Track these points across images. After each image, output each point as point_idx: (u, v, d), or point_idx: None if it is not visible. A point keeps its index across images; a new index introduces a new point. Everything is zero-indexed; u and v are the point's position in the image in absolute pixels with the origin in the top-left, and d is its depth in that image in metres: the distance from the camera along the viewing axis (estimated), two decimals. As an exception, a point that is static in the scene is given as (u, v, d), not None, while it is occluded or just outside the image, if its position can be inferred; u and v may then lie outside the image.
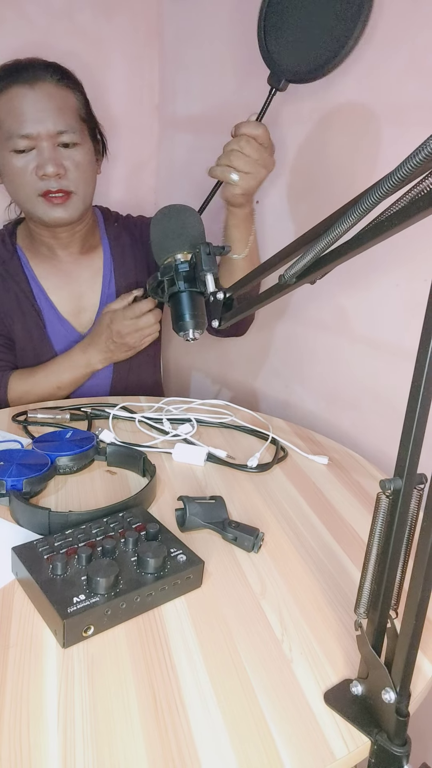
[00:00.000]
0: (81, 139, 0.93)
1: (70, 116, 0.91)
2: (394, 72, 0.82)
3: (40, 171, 0.90)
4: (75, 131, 0.91)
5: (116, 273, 1.08)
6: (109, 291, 1.08)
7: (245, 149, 0.82)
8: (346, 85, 0.89)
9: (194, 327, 0.75)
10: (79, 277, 1.07)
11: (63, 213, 0.94)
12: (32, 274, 1.04)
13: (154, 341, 1.07)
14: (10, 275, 1.02)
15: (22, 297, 1.02)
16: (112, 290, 1.08)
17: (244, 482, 0.76)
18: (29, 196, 0.93)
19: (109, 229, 1.10)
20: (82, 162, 0.93)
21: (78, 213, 0.96)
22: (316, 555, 0.63)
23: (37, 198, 0.92)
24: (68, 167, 0.92)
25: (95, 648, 0.48)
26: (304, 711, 0.44)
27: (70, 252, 1.05)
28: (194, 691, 0.45)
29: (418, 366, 0.38)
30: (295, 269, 0.54)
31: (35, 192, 0.92)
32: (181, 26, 1.20)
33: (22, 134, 0.88)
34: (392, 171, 0.39)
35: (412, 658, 0.39)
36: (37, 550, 0.54)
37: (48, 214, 0.94)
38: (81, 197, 0.95)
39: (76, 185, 0.93)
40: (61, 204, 0.93)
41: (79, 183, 0.94)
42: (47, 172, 0.89)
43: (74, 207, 0.95)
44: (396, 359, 0.90)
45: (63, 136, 0.90)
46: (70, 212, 0.95)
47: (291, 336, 1.09)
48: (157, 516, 0.63)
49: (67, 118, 0.91)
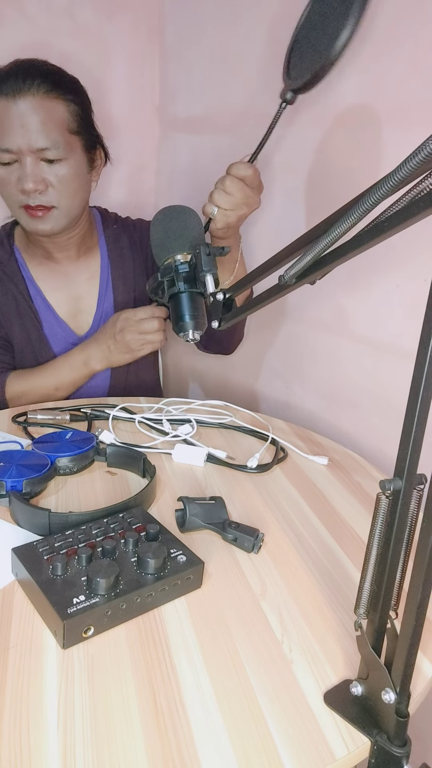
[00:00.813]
0: (66, 154, 0.91)
1: (55, 131, 0.89)
2: (394, 72, 0.82)
3: (19, 185, 0.90)
4: (59, 147, 0.89)
5: (114, 275, 1.08)
6: (106, 293, 1.08)
7: (228, 188, 0.82)
8: (347, 85, 0.89)
9: (194, 327, 0.75)
10: (76, 279, 1.07)
11: (44, 225, 0.94)
12: (30, 276, 1.04)
13: None
14: (7, 277, 1.02)
15: (20, 299, 1.02)
16: (109, 292, 1.08)
17: (244, 483, 0.76)
18: (13, 207, 0.94)
19: (107, 231, 1.10)
20: (66, 176, 0.92)
21: (60, 226, 0.96)
22: (316, 555, 0.63)
23: (19, 209, 0.93)
24: (51, 182, 0.91)
25: (95, 648, 0.48)
26: (304, 711, 0.44)
27: (67, 255, 1.05)
28: (194, 691, 0.45)
29: (418, 366, 0.38)
30: (295, 269, 0.54)
31: (17, 204, 0.93)
32: (182, 26, 1.20)
33: (3, 148, 0.88)
34: (392, 171, 0.39)
35: (412, 659, 0.39)
36: (37, 550, 0.54)
37: (29, 225, 0.95)
38: (64, 211, 0.94)
39: (58, 200, 0.93)
40: (41, 218, 0.93)
41: (62, 198, 0.93)
42: (26, 188, 0.89)
43: (55, 221, 0.94)
44: (396, 359, 0.90)
45: (46, 152, 0.89)
46: (51, 225, 0.95)
47: (291, 336, 1.09)
48: (157, 517, 0.63)
49: (51, 133, 0.88)
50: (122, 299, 1.08)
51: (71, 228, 0.99)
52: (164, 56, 1.26)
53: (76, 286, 1.07)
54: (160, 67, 1.27)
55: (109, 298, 1.08)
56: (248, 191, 0.83)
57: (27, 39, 1.10)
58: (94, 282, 1.08)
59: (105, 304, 1.08)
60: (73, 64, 0.95)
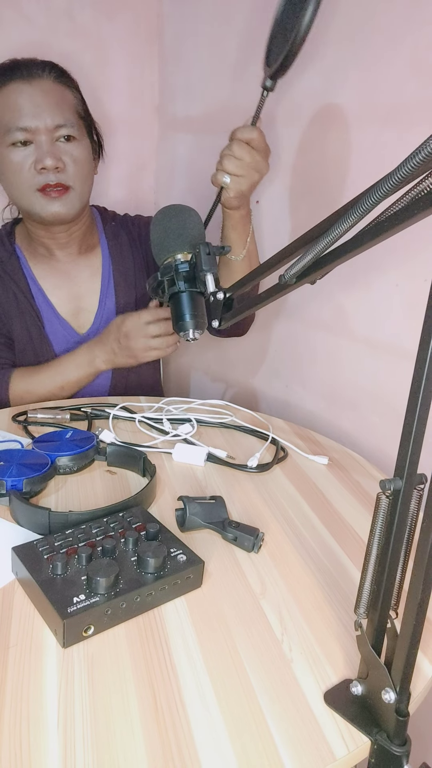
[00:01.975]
0: (79, 135, 0.93)
1: (68, 111, 0.92)
2: (393, 71, 0.82)
3: (38, 164, 0.90)
4: (73, 125, 0.92)
5: (115, 273, 1.08)
6: (108, 291, 1.08)
7: (236, 152, 0.82)
8: (346, 85, 0.89)
9: (194, 327, 0.75)
10: (77, 277, 1.06)
11: (60, 208, 0.93)
12: (31, 274, 1.04)
13: None
14: (8, 275, 1.02)
15: (21, 297, 1.02)
16: (111, 290, 1.08)
17: (244, 482, 0.76)
18: (26, 192, 0.93)
19: (107, 229, 1.10)
20: (80, 157, 0.93)
21: (75, 210, 0.96)
22: (316, 555, 0.63)
23: (34, 193, 0.92)
24: (66, 162, 0.92)
25: (95, 648, 0.48)
26: (304, 711, 0.44)
27: (69, 252, 1.05)
28: (194, 691, 0.45)
29: (418, 366, 0.38)
30: (295, 269, 0.54)
31: (33, 187, 0.92)
32: (181, 26, 1.20)
33: (20, 126, 0.88)
34: (392, 171, 0.39)
35: (412, 658, 0.39)
36: (37, 549, 0.54)
37: (45, 209, 0.93)
38: (78, 193, 0.95)
39: (74, 180, 0.93)
40: (58, 198, 0.93)
41: (77, 178, 0.94)
42: (46, 164, 0.90)
43: (71, 203, 0.95)
44: (396, 359, 0.90)
45: (61, 129, 0.91)
46: (68, 207, 0.94)
47: (291, 336, 1.09)
48: (157, 516, 0.63)
49: (65, 112, 0.91)
50: (124, 297, 1.08)
51: (76, 220, 0.99)
52: (163, 56, 1.26)
53: (78, 285, 1.06)
54: (160, 67, 1.27)
55: (111, 296, 1.08)
56: (256, 155, 0.83)
57: (26, 39, 1.10)
58: (95, 280, 1.08)
59: (107, 302, 1.08)
60: (72, 64, 0.95)
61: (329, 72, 0.90)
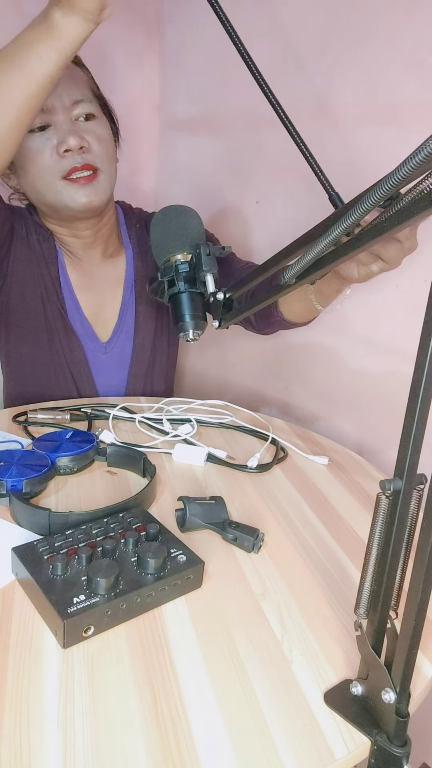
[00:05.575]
0: (98, 113, 0.88)
1: (84, 86, 0.87)
2: (393, 71, 0.82)
3: (61, 147, 0.83)
4: (91, 101, 0.87)
5: (137, 284, 1.02)
6: (128, 303, 1.02)
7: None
8: (346, 85, 0.89)
9: (194, 328, 0.75)
10: (101, 283, 1.00)
11: (91, 195, 0.86)
12: (63, 263, 0.97)
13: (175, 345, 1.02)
14: (43, 258, 0.94)
15: (49, 282, 0.95)
16: (131, 303, 1.02)
17: (244, 482, 0.76)
18: (50, 182, 0.86)
19: (131, 231, 1.04)
20: (103, 136, 0.88)
21: (106, 196, 0.89)
22: (316, 555, 0.63)
23: (60, 182, 0.85)
24: (90, 141, 0.85)
25: (95, 648, 0.48)
26: (304, 711, 0.44)
27: (93, 254, 0.99)
28: (194, 691, 0.45)
29: (418, 366, 0.38)
30: (295, 269, 0.54)
31: (58, 174, 0.85)
32: (181, 26, 1.20)
33: None
34: (392, 171, 0.39)
35: (412, 659, 0.39)
36: (38, 550, 0.54)
37: (74, 198, 0.86)
38: (107, 176, 0.88)
39: (101, 161, 0.87)
40: (87, 184, 0.85)
41: (104, 159, 0.87)
42: (70, 144, 0.83)
43: (102, 188, 0.88)
44: (396, 360, 0.90)
45: (79, 106, 0.85)
46: (99, 194, 0.87)
47: (291, 336, 1.09)
48: (158, 516, 0.63)
49: (81, 87, 0.86)
50: (144, 311, 1.03)
51: (102, 214, 0.93)
52: (164, 56, 1.26)
53: (101, 291, 1.00)
54: (160, 67, 1.27)
55: (131, 309, 1.02)
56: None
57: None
58: (117, 289, 1.02)
59: (126, 316, 1.02)
60: (72, 64, 0.95)
61: (329, 72, 0.90)
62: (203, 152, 1.21)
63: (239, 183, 1.14)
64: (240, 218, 1.14)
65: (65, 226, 0.94)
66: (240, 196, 1.14)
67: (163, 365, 1.09)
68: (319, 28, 0.91)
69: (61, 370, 1.00)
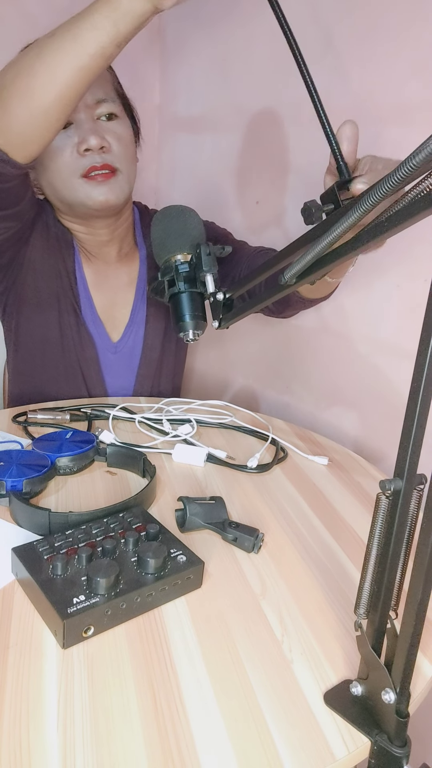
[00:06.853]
0: (121, 113, 0.88)
1: (107, 85, 0.87)
2: (394, 71, 0.82)
3: (82, 146, 0.83)
4: (114, 101, 0.87)
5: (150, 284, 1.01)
6: (140, 305, 1.01)
7: None
8: (347, 85, 0.89)
9: (194, 328, 0.75)
10: (115, 283, 1.00)
11: (109, 193, 0.86)
12: (79, 259, 0.97)
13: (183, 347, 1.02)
14: (60, 250, 0.94)
15: (65, 276, 0.94)
16: (143, 305, 1.01)
17: (244, 483, 0.76)
18: (69, 179, 0.85)
19: (145, 231, 1.03)
20: (124, 136, 0.87)
21: (124, 195, 0.89)
22: (316, 555, 0.63)
23: (78, 180, 0.85)
24: (111, 142, 0.85)
25: (95, 648, 0.48)
26: (304, 711, 0.44)
27: (108, 253, 0.98)
28: (194, 691, 0.45)
29: (418, 366, 0.38)
30: (295, 269, 0.54)
31: (76, 172, 0.85)
32: (182, 26, 1.20)
33: None
34: (392, 171, 0.39)
35: (412, 659, 0.39)
36: (37, 550, 0.54)
37: (91, 196, 0.85)
38: (126, 177, 0.88)
39: (121, 161, 0.86)
40: (105, 182, 0.85)
41: (124, 160, 0.87)
42: (90, 144, 0.83)
43: (120, 187, 0.87)
44: (396, 359, 0.90)
45: (102, 105, 0.85)
46: (116, 193, 0.87)
47: (291, 336, 1.09)
48: (157, 516, 0.63)
49: (104, 86, 0.86)
50: (154, 314, 1.02)
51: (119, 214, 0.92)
52: (164, 56, 1.26)
53: (114, 291, 1.00)
54: (161, 66, 1.27)
55: (142, 312, 1.02)
56: None
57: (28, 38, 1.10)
58: (130, 290, 1.01)
59: (137, 316, 1.02)
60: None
61: (330, 72, 0.90)
62: (203, 152, 1.21)
63: (239, 183, 1.14)
64: (240, 218, 1.14)
65: (81, 223, 0.93)
66: (240, 196, 1.14)
67: (171, 367, 1.09)
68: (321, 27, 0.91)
69: (71, 368, 0.99)
